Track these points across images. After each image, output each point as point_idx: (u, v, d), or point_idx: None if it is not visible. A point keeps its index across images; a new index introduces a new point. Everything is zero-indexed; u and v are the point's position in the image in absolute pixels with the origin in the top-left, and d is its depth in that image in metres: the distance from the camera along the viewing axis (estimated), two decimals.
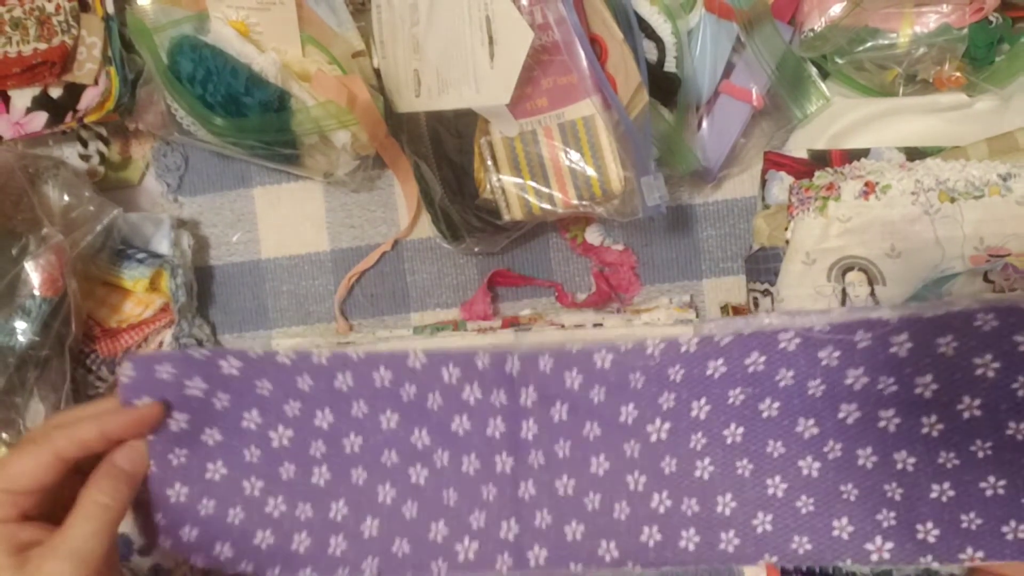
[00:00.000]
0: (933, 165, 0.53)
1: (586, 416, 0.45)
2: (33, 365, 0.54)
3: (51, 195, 0.56)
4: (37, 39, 0.57)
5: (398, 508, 0.47)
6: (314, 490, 0.47)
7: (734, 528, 0.45)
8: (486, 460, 0.46)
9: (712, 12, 0.56)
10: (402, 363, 0.45)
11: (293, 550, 0.47)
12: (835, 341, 0.43)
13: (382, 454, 0.47)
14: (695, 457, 0.45)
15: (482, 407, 0.46)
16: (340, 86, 0.55)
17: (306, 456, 0.47)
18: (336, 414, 0.46)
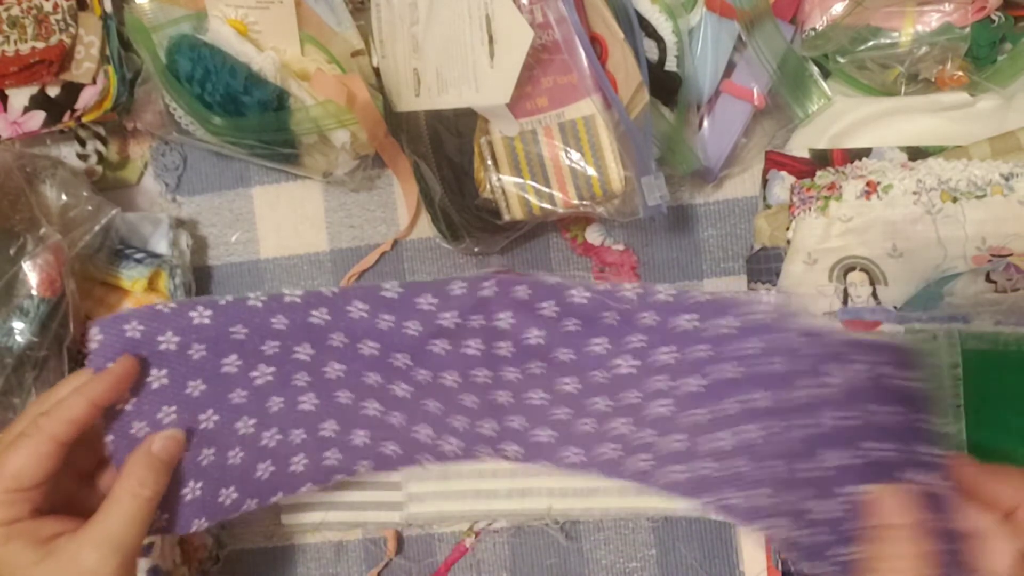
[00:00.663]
0: (935, 165, 0.52)
1: (560, 343, 0.47)
2: (31, 366, 0.54)
3: (49, 195, 0.56)
4: (35, 38, 0.57)
5: (385, 418, 0.49)
6: (304, 415, 0.48)
7: (683, 464, 0.47)
8: (465, 375, 0.48)
9: (713, 11, 0.56)
10: (376, 295, 0.46)
11: (291, 471, 0.49)
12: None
13: (365, 377, 0.48)
14: (659, 395, 0.47)
15: (460, 330, 0.47)
16: (339, 85, 0.55)
17: (291, 387, 0.48)
18: (316, 347, 0.47)
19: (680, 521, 0.59)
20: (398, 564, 0.62)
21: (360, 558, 0.63)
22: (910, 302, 0.53)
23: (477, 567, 0.61)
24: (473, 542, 0.61)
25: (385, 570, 0.62)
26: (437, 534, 0.62)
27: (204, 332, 0.45)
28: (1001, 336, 0.51)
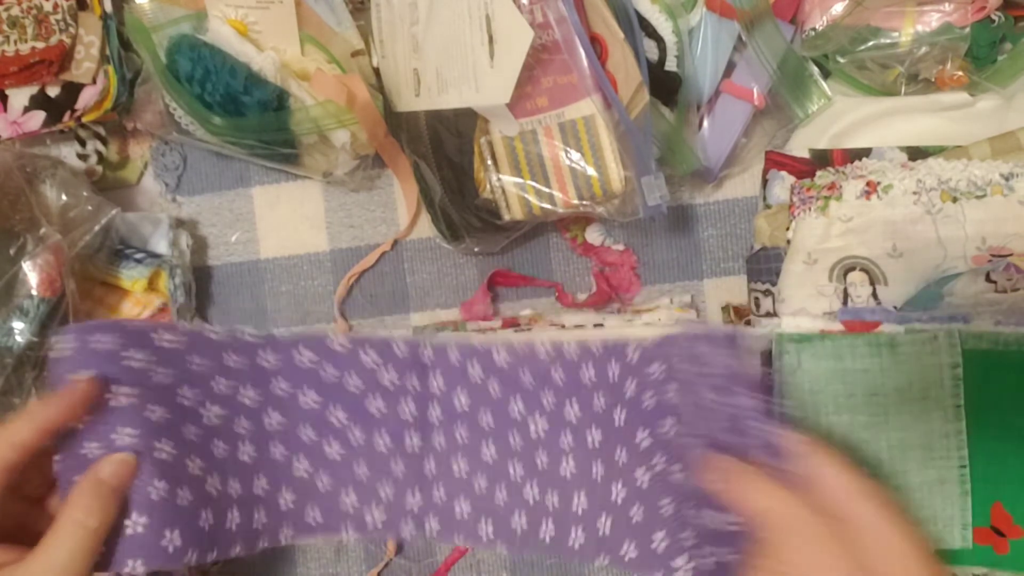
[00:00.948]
0: (935, 165, 0.52)
1: (483, 405, 0.49)
2: (31, 366, 0.54)
3: (49, 195, 0.56)
4: (35, 38, 0.57)
5: (312, 481, 0.49)
6: (241, 467, 0.47)
7: (582, 525, 0.48)
8: (397, 439, 0.49)
9: (713, 11, 0.56)
10: (322, 344, 0.47)
11: (227, 528, 0.46)
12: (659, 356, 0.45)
13: (301, 431, 0.48)
14: (562, 455, 0.48)
15: (396, 390, 0.48)
16: (339, 85, 0.55)
17: (232, 433, 0.47)
18: (258, 391, 0.47)
19: None
20: (398, 564, 0.62)
21: (360, 558, 0.63)
22: (910, 302, 0.53)
23: (477, 567, 0.61)
24: None
25: (385, 570, 0.62)
26: None
27: (165, 356, 0.44)
28: (1001, 336, 0.52)
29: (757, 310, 0.56)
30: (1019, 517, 0.51)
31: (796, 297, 0.54)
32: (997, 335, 0.52)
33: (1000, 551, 0.51)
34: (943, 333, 0.51)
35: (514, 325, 0.60)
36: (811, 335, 0.53)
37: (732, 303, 0.59)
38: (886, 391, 0.52)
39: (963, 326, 0.52)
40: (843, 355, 0.52)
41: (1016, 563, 0.51)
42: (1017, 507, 0.51)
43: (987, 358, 0.51)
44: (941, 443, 0.51)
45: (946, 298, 0.52)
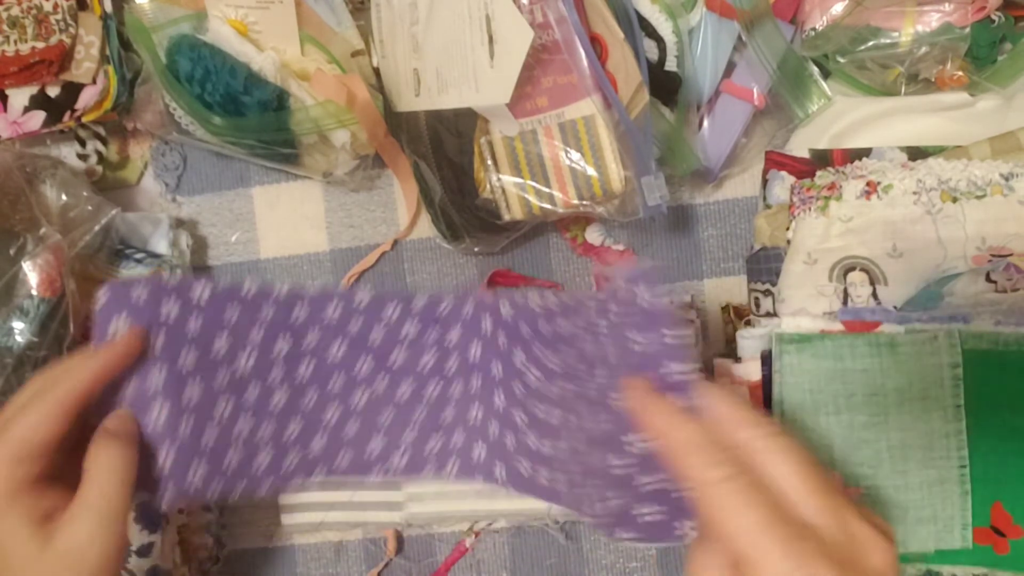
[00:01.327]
0: (935, 165, 0.52)
1: (494, 357, 0.51)
2: (31, 366, 0.54)
3: (49, 195, 0.56)
4: (35, 38, 0.57)
5: (341, 427, 0.51)
6: (273, 413, 0.50)
7: (558, 471, 0.50)
8: (420, 386, 0.52)
9: (713, 11, 0.56)
10: (350, 299, 0.50)
11: (254, 469, 0.49)
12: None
13: (330, 379, 0.51)
14: (552, 404, 0.50)
15: (417, 343, 0.51)
16: (339, 85, 0.55)
17: (267, 381, 0.49)
18: (292, 342, 0.49)
19: None
20: (398, 564, 0.62)
21: (360, 558, 0.63)
22: (910, 302, 0.53)
23: (477, 567, 0.61)
24: (473, 542, 0.61)
25: (385, 570, 0.62)
26: (437, 534, 0.62)
27: (201, 309, 0.46)
28: (1001, 336, 0.52)
29: (757, 310, 0.56)
30: (1019, 517, 0.51)
31: (796, 297, 0.54)
32: (997, 335, 0.52)
33: (1000, 551, 0.51)
34: (943, 333, 0.51)
35: None
36: (811, 335, 0.53)
37: (732, 303, 0.59)
38: (886, 391, 0.52)
39: (963, 326, 0.52)
40: (843, 355, 0.52)
41: (1016, 563, 0.51)
42: (1017, 507, 0.51)
43: (987, 358, 0.51)
44: (941, 443, 0.51)
45: (946, 298, 0.52)
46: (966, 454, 0.51)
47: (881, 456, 0.52)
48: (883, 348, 0.52)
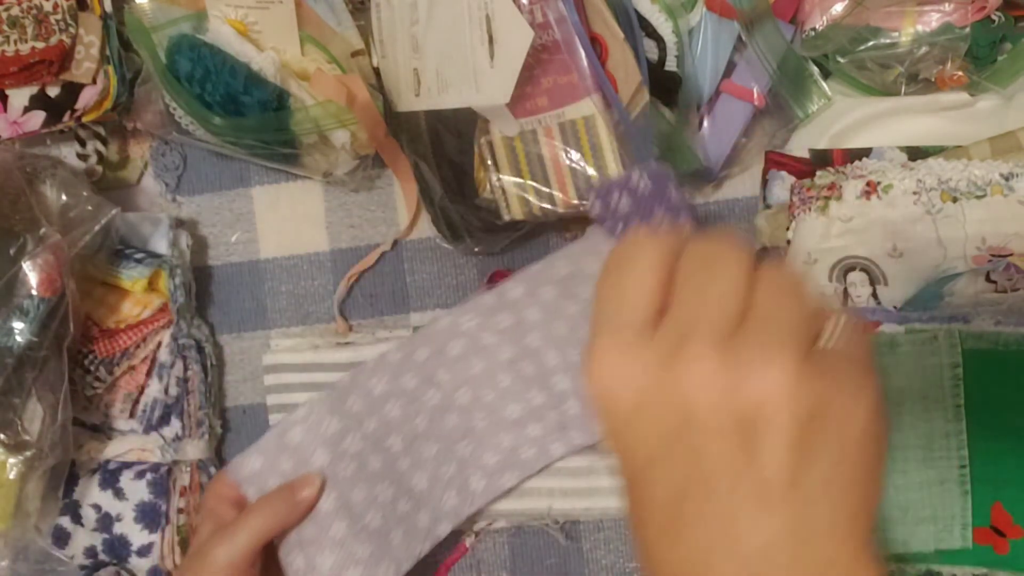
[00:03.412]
0: (935, 165, 0.52)
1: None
2: (31, 366, 0.54)
3: (49, 195, 0.56)
4: (35, 38, 0.57)
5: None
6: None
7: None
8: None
9: (713, 11, 0.56)
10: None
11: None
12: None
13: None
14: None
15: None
16: (339, 85, 0.55)
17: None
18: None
19: None
20: None
21: None
22: (910, 302, 0.53)
23: (477, 567, 0.61)
24: (473, 542, 0.61)
25: None
26: None
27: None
28: (1001, 336, 0.52)
29: None
30: (1019, 517, 0.51)
31: None
32: (997, 335, 0.52)
33: (1000, 551, 0.51)
34: (943, 333, 0.51)
35: None
36: None
37: None
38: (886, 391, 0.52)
39: (963, 326, 0.52)
40: None
41: (1016, 563, 0.51)
42: (1017, 507, 0.51)
43: (987, 358, 0.51)
44: (941, 443, 0.51)
45: (946, 298, 0.52)
46: (966, 454, 0.51)
47: None
48: (883, 348, 0.52)
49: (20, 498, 0.55)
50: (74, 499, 0.59)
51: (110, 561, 0.59)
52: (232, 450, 0.63)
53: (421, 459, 0.55)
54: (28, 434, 0.55)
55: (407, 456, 0.55)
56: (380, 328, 0.62)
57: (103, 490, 0.59)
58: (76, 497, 0.59)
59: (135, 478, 0.59)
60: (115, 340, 0.59)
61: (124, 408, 0.60)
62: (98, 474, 0.60)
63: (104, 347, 0.59)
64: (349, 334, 0.62)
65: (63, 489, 0.58)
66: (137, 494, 0.59)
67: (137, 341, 0.59)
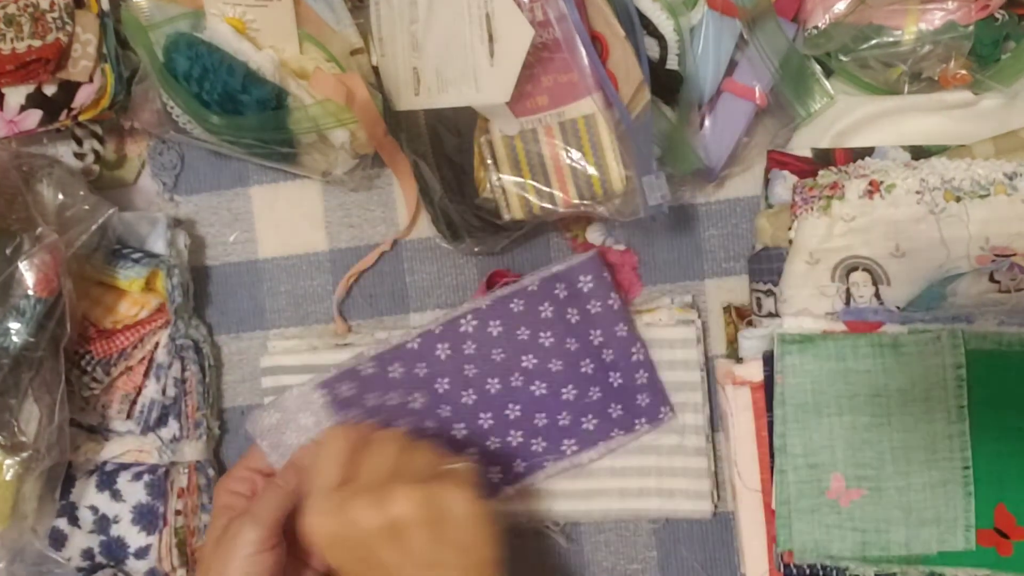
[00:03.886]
0: (938, 164, 0.52)
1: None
2: (27, 366, 0.54)
3: (45, 194, 0.56)
4: (31, 36, 0.57)
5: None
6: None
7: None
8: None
9: (715, 9, 0.56)
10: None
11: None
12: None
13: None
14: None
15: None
16: (338, 84, 0.54)
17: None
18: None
19: (681, 523, 0.59)
20: None
21: None
22: (913, 302, 0.52)
23: None
24: None
25: None
26: None
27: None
28: (1005, 336, 0.51)
29: (759, 310, 0.55)
30: (1022, 519, 0.51)
31: (798, 297, 0.54)
32: (1000, 335, 0.51)
33: (1003, 553, 0.51)
34: (946, 333, 0.51)
35: None
36: (813, 335, 0.53)
37: (734, 303, 0.59)
38: (889, 392, 0.52)
39: (966, 326, 0.52)
40: (845, 356, 0.52)
41: (1020, 565, 0.51)
42: (1020, 508, 0.51)
43: (990, 359, 0.51)
44: (944, 444, 0.51)
45: (949, 298, 0.52)
46: (969, 455, 0.51)
47: (884, 457, 0.51)
48: (886, 349, 0.52)
49: (16, 500, 0.55)
50: (71, 501, 0.59)
51: (107, 563, 0.59)
52: (230, 451, 0.63)
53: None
54: (24, 435, 0.54)
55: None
56: (379, 329, 0.62)
57: (100, 491, 0.59)
58: (73, 499, 0.59)
59: (132, 479, 0.59)
60: (112, 340, 0.59)
61: (121, 409, 0.60)
62: (95, 475, 0.59)
63: (101, 348, 0.59)
64: (348, 335, 0.62)
65: (60, 491, 0.58)
66: (134, 496, 0.59)
67: (134, 341, 0.59)
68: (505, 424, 0.58)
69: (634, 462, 0.58)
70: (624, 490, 0.58)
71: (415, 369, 0.57)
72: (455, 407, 0.58)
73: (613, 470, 0.58)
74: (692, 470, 0.57)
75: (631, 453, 0.58)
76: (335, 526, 0.44)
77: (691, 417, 0.58)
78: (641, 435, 0.58)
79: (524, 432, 0.58)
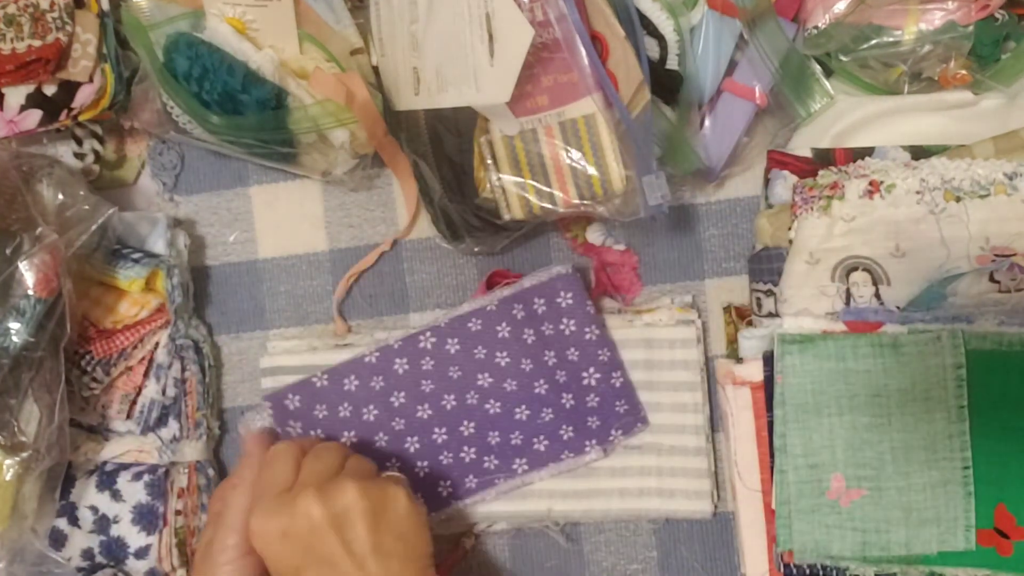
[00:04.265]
0: (938, 164, 0.52)
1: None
2: (27, 366, 0.54)
3: (45, 194, 0.56)
4: (31, 36, 0.57)
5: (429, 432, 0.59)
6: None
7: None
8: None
9: (715, 9, 0.55)
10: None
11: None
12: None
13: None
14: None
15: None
16: (338, 84, 0.54)
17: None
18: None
19: (681, 523, 0.59)
20: None
21: None
22: (913, 302, 0.52)
23: (477, 569, 0.61)
24: (473, 543, 0.61)
25: None
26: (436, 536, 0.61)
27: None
28: (1005, 336, 0.51)
29: (759, 310, 0.55)
30: (1022, 519, 0.51)
31: (798, 297, 0.53)
32: (1001, 335, 0.51)
33: (1004, 553, 0.51)
34: (946, 333, 0.51)
35: None
36: (813, 335, 0.53)
37: (734, 303, 0.59)
38: (889, 392, 0.52)
39: (966, 326, 0.52)
40: (845, 356, 0.52)
41: (1020, 565, 0.50)
42: (1021, 509, 0.51)
43: (991, 358, 0.51)
44: (944, 444, 0.51)
45: (949, 298, 0.52)
46: (969, 455, 0.51)
47: (884, 457, 0.51)
48: (886, 349, 0.52)
49: (17, 500, 0.55)
50: (71, 501, 0.59)
51: (107, 563, 0.59)
52: (230, 451, 0.63)
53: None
54: (24, 435, 0.54)
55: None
56: (379, 329, 0.62)
57: (100, 492, 0.59)
58: (73, 499, 0.59)
59: (132, 479, 0.59)
60: (112, 341, 0.59)
61: (121, 409, 0.60)
62: (95, 475, 0.59)
63: (101, 348, 0.59)
64: (347, 335, 0.62)
65: (60, 491, 0.58)
66: (134, 496, 0.59)
67: (134, 342, 0.59)
68: (459, 440, 0.58)
69: (634, 462, 0.58)
70: (624, 490, 0.58)
71: (371, 382, 0.58)
72: (409, 421, 0.58)
73: (613, 470, 0.58)
74: (692, 470, 0.57)
75: (631, 453, 0.58)
76: (283, 523, 0.46)
77: (691, 417, 0.58)
78: (591, 459, 0.58)
79: (477, 449, 0.58)
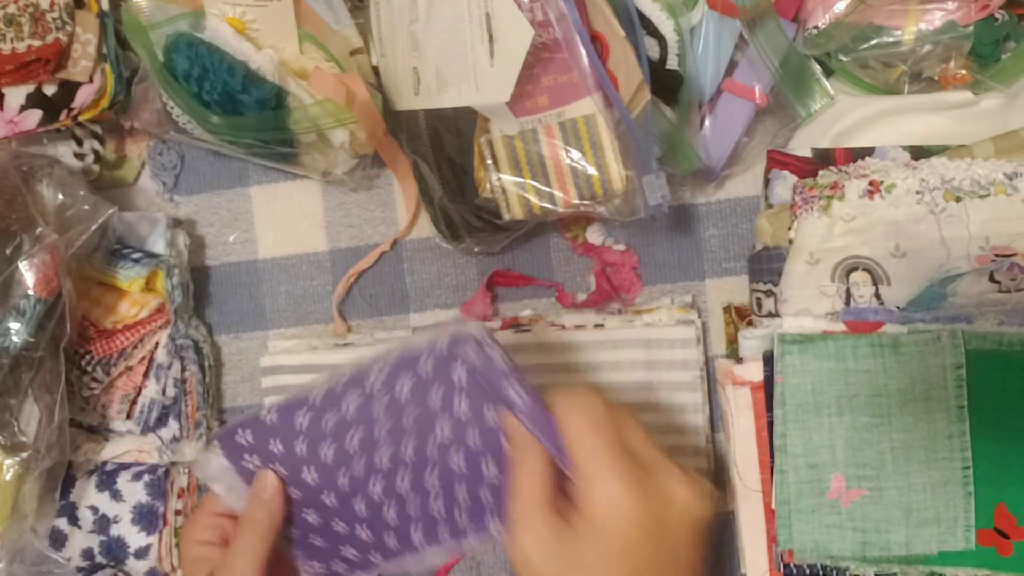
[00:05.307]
0: (938, 164, 0.52)
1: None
2: (27, 366, 0.54)
3: (45, 194, 0.56)
4: (31, 36, 0.57)
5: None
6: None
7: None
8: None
9: (715, 9, 0.55)
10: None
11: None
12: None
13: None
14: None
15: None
16: (338, 84, 0.54)
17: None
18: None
19: None
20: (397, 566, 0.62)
21: None
22: (913, 302, 0.52)
23: (477, 568, 0.61)
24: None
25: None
26: None
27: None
28: (1005, 336, 0.51)
29: (759, 310, 0.55)
30: (1022, 519, 0.51)
31: (798, 297, 0.53)
32: (1001, 335, 0.51)
33: (1004, 553, 0.51)
34: (946, 333, 0.51)
35: (514, 325, 0.59)
36: (813, 335, 0.53)
37: (734, 303, 0.59)
38: (889, 392, 0.52)
39: (966, 326, 0.52)
40: (845, 356, 0.52)
41: (1020, 565, 0.50)
42: (1021, 509, 0.50)
43: (991, 359, 0.51)
44: (944, 444, 0.51)
45: (949, 298, 0.52)
46: (969, 455, 0.51)
47: (884, 457, 0.51)
48: (886, 349, 0.52)
49: (17, 500, 0.55)
50: (71, 501, 0.59)
51: (107, 563, 0.59)
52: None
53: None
54: (24, 435, 0.54)
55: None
56: (379, 329, 0.62)
57: (100, 492, 0.59)
58: (73, 499, 0.59)
59: (132, 479, 0.59)
60: (112, 340, 0.59)
61: (121, 409, 0.60)
62: (95, 475, 0.60)
63: (101, 348, 0.59)
64: (348, 335, 0.61)
65: (60, 491, 0.58)
66: (134, 496, 0.59)
67: (134, 342, 0.59)
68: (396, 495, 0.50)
69: None
70: None
71: (321, 422, 0.49)
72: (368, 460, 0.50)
73: None
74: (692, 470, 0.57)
75: None
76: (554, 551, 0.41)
77: (691, 417, 0.58)
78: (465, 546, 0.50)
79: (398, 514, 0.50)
